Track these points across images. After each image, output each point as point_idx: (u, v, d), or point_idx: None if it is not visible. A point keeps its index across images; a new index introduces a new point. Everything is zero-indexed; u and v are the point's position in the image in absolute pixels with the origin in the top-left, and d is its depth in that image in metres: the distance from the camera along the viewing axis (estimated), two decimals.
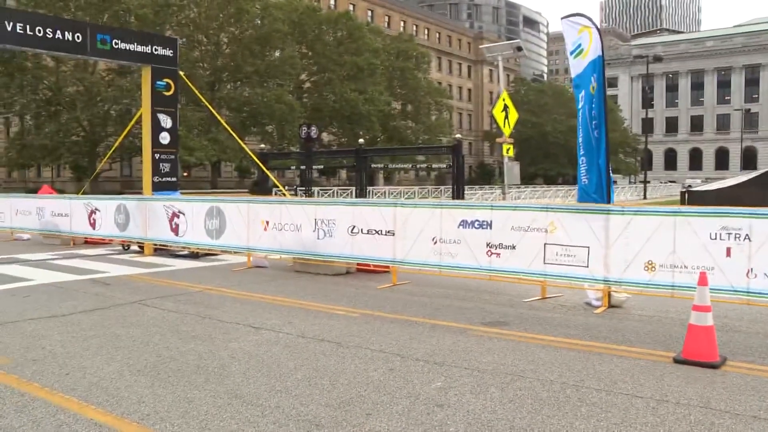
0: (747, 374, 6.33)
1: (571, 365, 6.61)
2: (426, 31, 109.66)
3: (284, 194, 18.22)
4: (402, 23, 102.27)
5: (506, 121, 18.06)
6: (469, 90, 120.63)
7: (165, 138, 17.58)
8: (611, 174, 9.86)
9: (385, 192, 52.43)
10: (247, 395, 5.71)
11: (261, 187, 19.99)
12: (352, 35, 63.06)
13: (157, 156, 17.46)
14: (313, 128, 18.72)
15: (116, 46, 16.43)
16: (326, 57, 61.34)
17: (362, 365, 6.63)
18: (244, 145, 21.26)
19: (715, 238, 8.22)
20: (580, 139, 9.96)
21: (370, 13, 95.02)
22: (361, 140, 21.42)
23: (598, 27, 10.00)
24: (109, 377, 6.29)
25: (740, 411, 5.33)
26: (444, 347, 7.35)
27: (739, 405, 5.46)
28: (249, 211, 14.09)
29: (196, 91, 20.46)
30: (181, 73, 18.34)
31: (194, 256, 16.08)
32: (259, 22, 53.26)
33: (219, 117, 23.49)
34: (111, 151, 23.02)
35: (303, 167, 19.96)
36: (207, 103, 21.40)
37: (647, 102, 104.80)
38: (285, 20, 54.64)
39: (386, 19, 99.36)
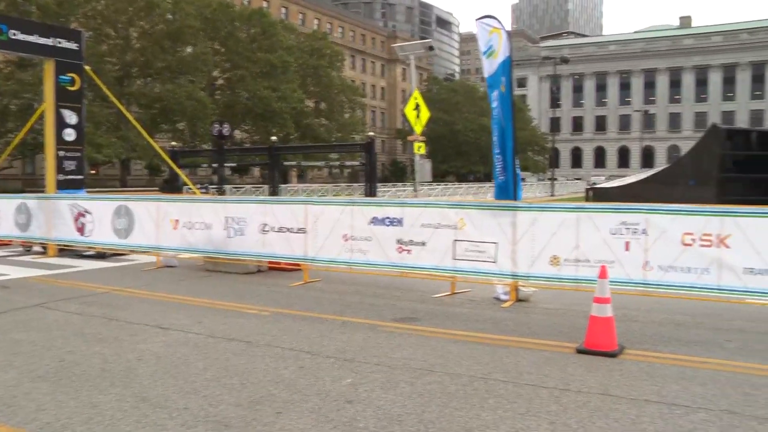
0: (642, 361, 6.64)
1: (480, 358, 6.77)
2: (340, 30, 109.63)
3: (195, 192, 17.89)
4: (316, 21, 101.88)
5: (418, 119, 18.28)
6: (383, 88, 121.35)
7: (70, 135, 16.93)
8: (519, 171, 10.14)
9: (298, 189, 52.16)
10: (154, 398, 5.60)
11: (172, 186, 19.54)
12: (265, 32, 62.28)
13: (61, 153, 16.79)
14: (225, 126, 18.40)
15: (14, 37, 15.67)
16: (239, 54, 60.40)
17: (273, 364, 6.60)
18: (153, 143, 20.72)
19: (615, 233, 8.58)
20: (495, 138, 10.19)
21: (284, 10, 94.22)
22: (274, 138, 21.21)
23: (507, 29, 10.23)
24: (4, 385, 6.01)
25: (635, 396, 5.59)
26: (355, 344, 7.39)
27: (634, 390, 5.73)
28: (158, 210, 13.77)
29: (104, 87, 19.80)
30: (87, 67, 17.71)
31: (101, 256, 15.60)
32: (170, 17, 51.93)
33: (127, 113, 22.79)
34: (10, 147, 21.99)
35: (215, 165, 19.64)
36: (115, 99, 20.72)
37: (555, 102, 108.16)
38: (197, 16, 53.47)
39: (300, 16, 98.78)
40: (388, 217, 10.56)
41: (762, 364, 6.59)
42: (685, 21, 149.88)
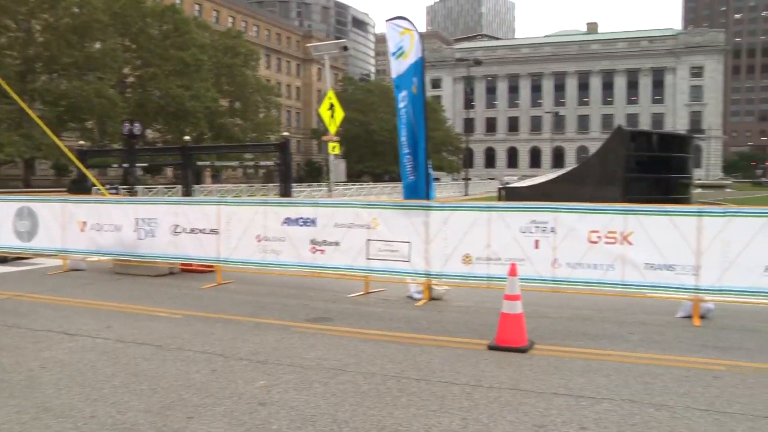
0: (551, 356, 6.83)
1: (393, 357, 6.82)
2: (255, 28, 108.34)
3: (104, 193, 17.34)
4: (231, 19, 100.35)
5: (332, 119, 18.26)
6: (298, 88, 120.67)
7: None
8: (431, 171, 10.26)
9: (212, 190, 51.26)
10: (58, 407, 5.39)
11: (80, 186, 18.83)
12: (178, 29, 60.94)
13: None
14: (136, 125, 17.85)
15: None
16: (151, 51, 58.89)
17: (184, 368, 6.47)
18: (58, 142, 19.94)
19: (525, 232, 8.82)
20: (403, 138, 10.28)
21: (197, 7, 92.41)
22: (187, 137, 20.74)
23: (419, 31, 10.32)
24: None
25: (544, 389, 5.76)
26: (268, 345, 7.33)
27: (542, 384, 5.90)
28: (64, 212, 13.27)
29: (2, 81, 18.95)
30: None
31: (2, 260, 14.91)
32: (77, 10, 50.07)
33: (29, 110, 21.85)
34: None
35: (126, 165, 19.07)
36: (15, 95, 19.84)
37: (469, 103, 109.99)
38: (105, 10, 51.73)
39: (214, 14, 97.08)
40: (301, 218, 10.52)
41: (660, 354, 6.90)
42: (592, 27, 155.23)
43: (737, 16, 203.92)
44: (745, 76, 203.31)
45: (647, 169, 19.89)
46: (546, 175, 31.13)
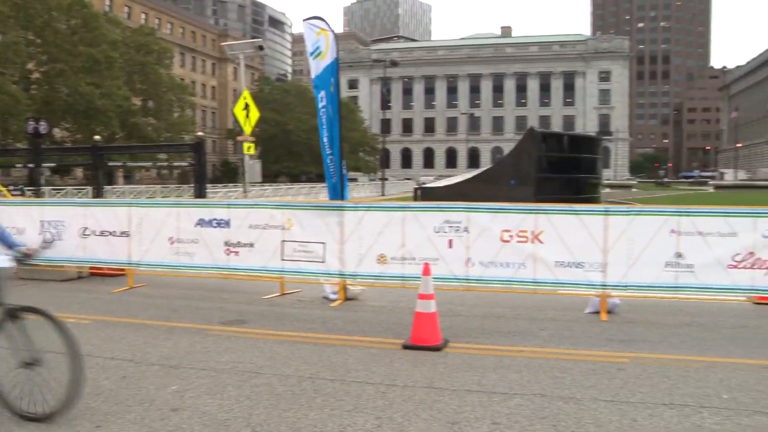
0: (465, 353, 6.95)
1: (308, 358, 6.80)
2: (169, 26, 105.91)
3: (6, 195, 16.63)
4: (143, 15, 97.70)
5: (247, 119, 18.06)
6: (214, 87, 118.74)
7: None
8: (345, 171, 10.28)
9: (125, 191, 49.84)
10: None
11: None
12: (87, 24, 58.91)
13: None
14: (42, 123, 17.18)
15: None
16: (58, 46, 56.70)
17: (92, 375, 6.24)
18: None
19: (439, 231, 8.94)
20: (325, 139, 10.25)
21: (108, 2, 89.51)
22: (97, 137, 20.10)
23: (334, 31, 10.31)
24: None
25: (457, 387, 5.86)
26: (181, 349, 7.19)
27: (456, 381, 6.00)
28: None
29: None
30: None
31: None
32: None
33: None
34: None
35: (31, 165, 18.33)
36: None
37: (385, 104, 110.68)
38: (6, 1, 49.59)
39: (126, 10, 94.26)
40: (215, 219, 10.35)
41: (570, 349, 7.13)
42: (506, 31, 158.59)
43: (640, 24, 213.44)
44: (648, 82, 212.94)
45: (558, 170, 20.48)
46: (462, 175, 31.61)
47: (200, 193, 15.72)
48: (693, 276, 8.23)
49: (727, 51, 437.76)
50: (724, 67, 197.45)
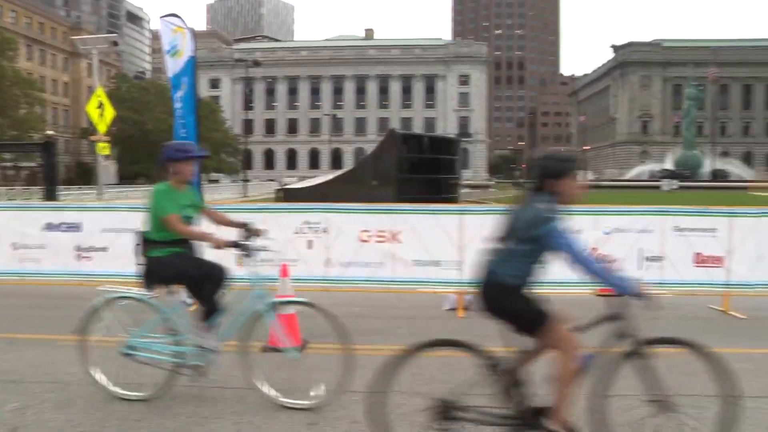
0: (324, 354, 6.96)
1: None
2: (12, 15, 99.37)
3: None
4: None
5: (102, 118, 17.32)
6: (66, 84, 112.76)
7: None
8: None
9: None
10: None
11: None
12: None
13: None
14: None
15: None
16: None
17: None
18: None
19: (299, 232, 8.94)
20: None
21: None
22: None
23: (191, 29, 10.11)
24: None
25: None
26: (24, 363, 6.77)
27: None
28: None
29: None
30: None
31: None
32: None
33: None
34: None
35: None
36: None
37: (248, 104, 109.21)
38: None
39: None
40: (64, 223, 9.86)
41: None
42: (369, 33, 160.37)
43: (498, 31, 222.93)
44: (505, 86, 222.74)
45: (418, 170, 20.96)
46: (324, 176, 31.73)
47: (50, 196, 14.97)
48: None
49: (576, 59, 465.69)
50: (573, 75, 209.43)
